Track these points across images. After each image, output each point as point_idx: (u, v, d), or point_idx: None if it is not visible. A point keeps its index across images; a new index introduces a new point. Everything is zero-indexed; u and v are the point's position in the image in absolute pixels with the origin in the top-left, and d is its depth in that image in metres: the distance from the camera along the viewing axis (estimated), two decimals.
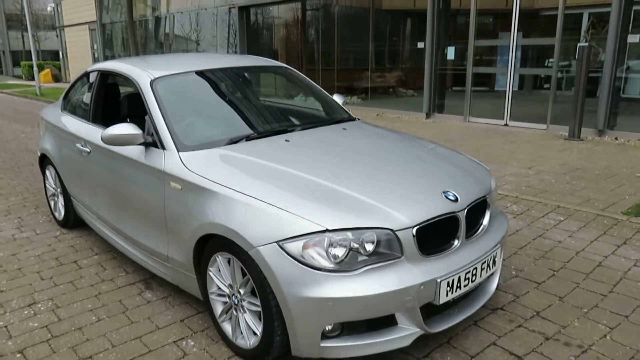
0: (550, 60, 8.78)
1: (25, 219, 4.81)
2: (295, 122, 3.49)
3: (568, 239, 3.91)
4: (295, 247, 2.20)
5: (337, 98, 4.02)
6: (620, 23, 7.64)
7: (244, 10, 14.93)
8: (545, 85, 9.27)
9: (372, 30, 11.99)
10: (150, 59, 3.79)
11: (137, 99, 3.97)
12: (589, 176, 5.70)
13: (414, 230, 2.29)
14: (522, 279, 3.30)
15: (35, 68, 18.89)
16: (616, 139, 7.84)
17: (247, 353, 2.51)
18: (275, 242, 2.22)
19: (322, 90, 4.02)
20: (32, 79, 27.21)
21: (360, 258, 2.23)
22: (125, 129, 2.96)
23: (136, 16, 18.24)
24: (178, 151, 2.87)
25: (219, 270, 2.61)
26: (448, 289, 2.34)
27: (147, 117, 3.11)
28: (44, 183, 4.76)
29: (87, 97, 3.95)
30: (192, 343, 2.72)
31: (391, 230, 2.25)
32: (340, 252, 2.20)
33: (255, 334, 2.46)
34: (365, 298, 2.17)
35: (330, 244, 2.19)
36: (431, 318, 2.41)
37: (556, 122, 8.57)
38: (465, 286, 2.44)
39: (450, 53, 10.12)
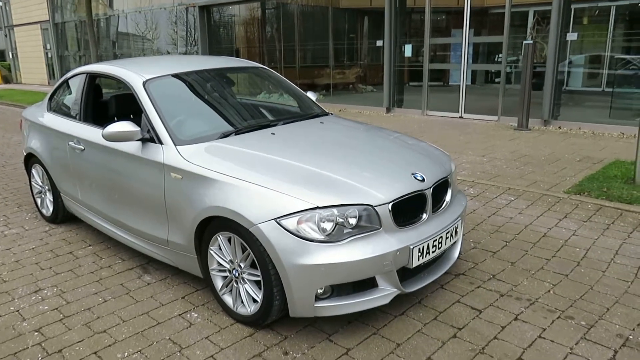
0: (500, 56, 9.44)
1: (11, 216, 4.97)
2: (277, 117, 3.86)
3: (518, 216, 4.45)
4: (290, 222, 2.59)
5: (311, 95, 4.41)
6: (560, 21, 8.34)
7: (204, 9, 15.07)
8: (496, 80, 9.94)
9: (332, 29, 12.43)
10: (139, 62, 4.06)
11: (125, 99, 4.27)
12: (535, 162, 6.31)
13: (390, 205, 2.71)
14: (480, 250, 3.79)
15: None
16: (560, 128, 8.56)
17: (248, 319, 2.87)
18: (273, 219, 2.60)
19: (298, 88, 4.40)
20: None
21: (346, 231, 2.63)
22: (124, 126, 3.25)
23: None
24: (175, 145, 3.19)
25: (220, 249, 2.95)
26: (419, 254, 2.78)
27: (143, 116, 3.40)
28: (30, 181, 4.94)
29: (76, 98, 4.18)
30: (196, 315, 3.06)
31: (371, 206, 2.67)
32: (328, 226, 2.60)
33: (255, 301, 2.83)
34: (351, 263, 2.57)
35: (320, 219, 2.59)
36: (406, 280, 2.85)
37: (506, 113, 9.24)
38: (433, 252, 2.88)
39: (408, 50, 10.66)
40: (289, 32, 13.39)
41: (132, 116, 4.51)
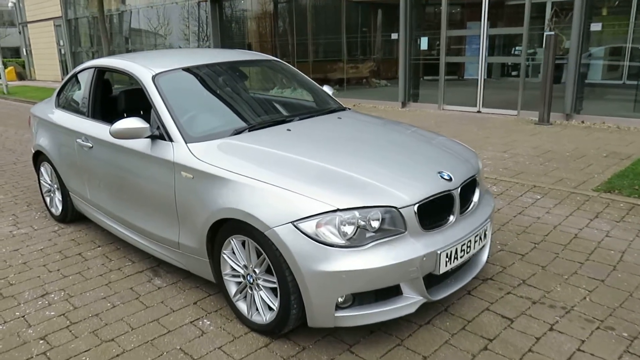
0: (519, 48, 9.15)
1: (20, 215, 4.86)
2: (293, 112, 3.67)
3: (546, 215, 4.22)
4: (309, 226, 2.40)
5: (327, 89, 4.22)
6: (584, 11, 8.03)
7: (216, 4, 14.92)
8: (514, 73, 9.66)
9: (345, 22, 12.20)
10: (148, 55, 3.90)
11: (134, 94, 4.11)
12: (559, 158, 6.06)
13: (415, 207, 2.52)
14: (507, 252, 3.58)
15: (0, 66, 18.42)
16: (582, 122, 8.27)
17: (263, 328, 2.70)
18: (291, 222, 2.42)
19: (313, 81, 4.21)
20: None
21: (368, 234, 2.45)
22: (133, 123, 3.09)
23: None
24: (186, 142, 3.02)
25: (233, 253, 2.78)
26: (447, 259, 2.58)
27: (152, 112, 3.24)
28: (39, 180, 4.82)
29: (84, 94, 4.04)
30: (208, 322, 2.90)
31: (395, 207, 2.48)
32: (349, 229, 2.41)
33: (271, 309, 2.66)
34: (374, 270, 2.38)
35: (341, 223, 2.40)
36: (432, 287, 2.65)
37: (526, 107, 8.96)
38: (461, 257, 2.68)
39: (424, 43, 10.40)
40: (301, 26, 13.19)
41: (142, 112, 4.36)
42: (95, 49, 20.54)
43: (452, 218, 2.71)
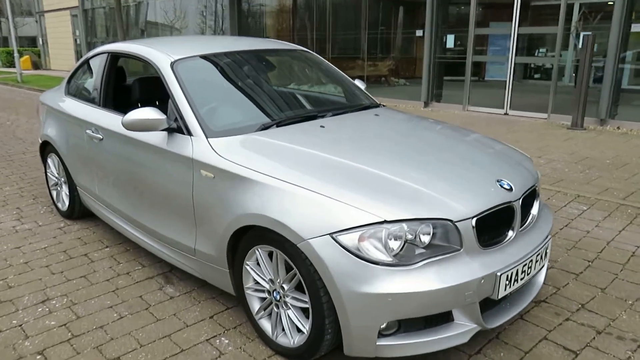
0: (542, 50, 8.72)
1: (25, 209, 4.56)
2: (324, 107, 3.32)
3: (595, 229, 3.83)
4: (350, 239, 2.05)
5: (359, 83, 3.87)
6: (624, 11, 7.59)
7: None
8: (543, 75, 9.23)
9: (366, 18, 11.82)
10: (165, 41, 3.57)
11: (150, 83, 3.79)
12: (600, 165, 5.65)
13: (474, 221, 2.16)
14: (559, 270, 3.20)
15: (16, 54, 18.27)
16: (618, 128, 7.83)
17: (290, 352, 2.35)
18: (329, 234, 2.07)
19: (344, 74, 3.86)
20: (11, 65, 26.43)
21: (418, 251, 2.09)
22: (148, 113, 2.76)
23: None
24: (207, 137, 2.68)
25: (258, 264, 2.45)
26: (507, 282, 2.22)
27: (169, 102, 2.91)
28: (45, 172, 4.51)
29: (96, 81, 3.72)
30: (227, 341, 2.56)
31: (450, 221, 2.12)
32: (396, 244, 2.06)
33: (300, 331, 2.32)
34: (426, 294, 2.03)
35: (388, 236, 2.05)
36: (486, 313, 2.29)
37: (557, 111, 8.54)
38: (521, 279, 2.32)
39: (450, 41, 10.00)
40: (320, 21, 12.82)
41: (157, 103, 4.03)
42: (111, 40, 20.34)
43: (511, 234, 2.35)
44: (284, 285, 2.33)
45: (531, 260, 2.35)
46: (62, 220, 4.27)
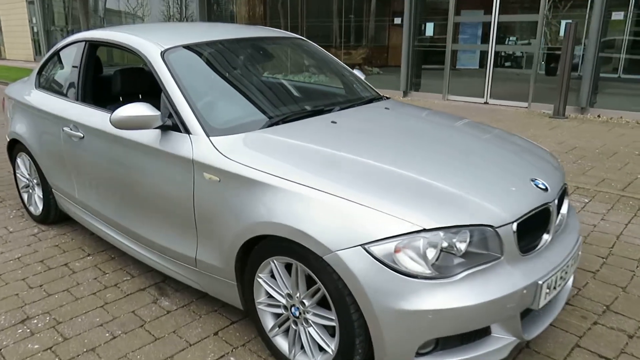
0: (532, 37, 8.68)
1: None
2: (329, 101, 3.08)
3: (602, 223, 3.74)
4: (384, 250, 1.84)
5: (358, 74, 3.64)
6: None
7: None
8: (523, 64, 9.19)
9: (338, 5, 11.55)
10: (152, 28, 3.24)
11: (132, 74, 3.47)
12: (590, 155, 5.60)
13: (515, 225, 1.97)
14: (576, 269, 3.07)
15: None
16: (599, 116, 7.86)
17: None
18: (360, 245, 1.85)
19: (343, 64, 3.62)
20: None
21: (456, 260, 1.90)
22: (140, 109, 2.46)
23: None
24: (208, 136, 2.41)
25: (273, 277, 2.21)
26: (547, 291, 2.05)
27: (162, 96, 2.62)
28: (14, 173, 4.12)
29: (73, 73, 3.37)
30: None
31: (491, 227, 1.93)
32: (431, 254, 1.86)
33: (323, 350, 2.10)
34: (469, 309, 1.84)
35: (426, 246, 1.85)
36: (522, 323, 2.12)
37: (537, 100, 8.52)
38: (559, 286, 2.16)
39: (429, 29, 9.86)
40: (293, 9, 12.48)
41: (140, 96, 3.72)
42: (71, 28, 19.42)
43: (547, 237, 2.18)
44: (304, 301, 2.11)
45: (567, 265, 2.19)
46: (35, 226, 3.91)
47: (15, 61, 22.16)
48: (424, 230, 1.84)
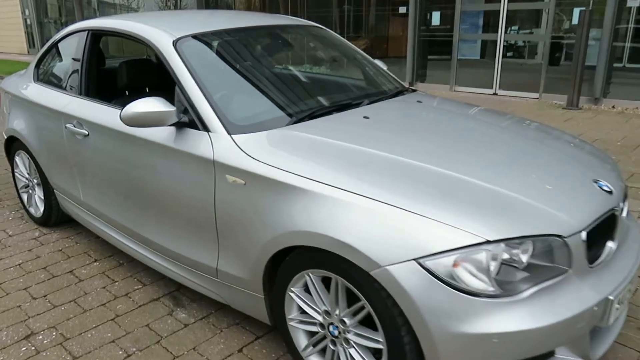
0: (543, 26, 8.44)
1: None
2: (356, 94, 2.84)
3: None
4: (442, 265, 1.62)
5: (380, 64, 3.41)
6: None
7: None
8: (534, 53, 8.96)
9: None
10: (159, 15, 2.99)
11: (139, 66, 3.22)
12: (613, 148, 5.39)
13: (584, 234, 1.75)
14: None
15: None
16: (613, 107, 7.64)
17: None
18: (414, 259, 1.63)
19: (364, 54, 3.38)
20: None
21: (520, 275, 1.68)
22: (154, 105, 2.22)
23: None
24: (229, 133, 2.18)
25: (307, 292, 1.99)
26: (617, 306, 1.84)
27: (176, 90, 2.37)
28: (12, 172, 3.87)
29: (74, 65, 3.11)
30: None
31: (560, 236, 1.71)
32: (492, 267, 1.64)
33: None
34: (538, 331, 1.62)
35: (490, 260, 1.62)
36: None
37: (548, 90, 8.29)
38: (627, 299, 1.95)
39: (435, 19, 9.59)
40: None
41: (147, 89, 3.47)
42: (64, 20, 19.01)
43: (612, 245, 1.96)
44: (344, 319, 1.88)
45: (635, 275, 1.98)
46: (36, 228, 3.67)
47: (8, 54, 21.74)
48: (487, 242, 1.62)
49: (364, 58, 3.31)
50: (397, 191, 1.76)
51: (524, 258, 1.68)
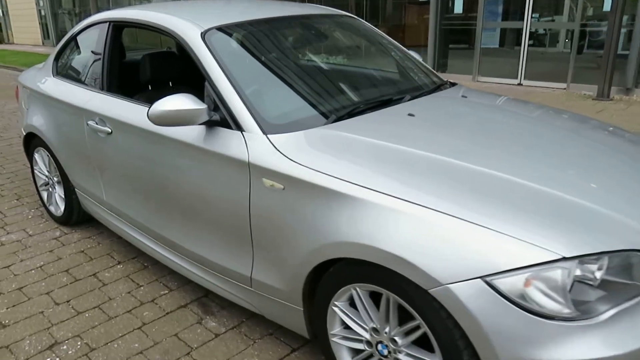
0: (572, 14, 8.13)
1: (8, 214, 3.82)
2: (396, 89, 2.66)
3: None
4: (512, 284, 1.45)
5: (415, 55, 3.21)
6: None
7: None
8: (561, 42, 8.65)
9: None
10: (183, 5, 2.83)
11: (163, 60, 3.07)
12: None
13: None
14: None
15: None
16: None
17: None
18: (481, 277, 1.46)
19: (399, 45, 3.19)
20: None
21: (596, 294, 1.50)
22: (183, 102, 2.06)
23: None
24: (265, 133, 2.02)
25: (353, 306, 1.84)
26: None
27: (206, 85, 2.21)
28: (32, 169, 3.76)
29: (96, 58, 2.97)
30: None
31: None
32: (568, 287, 1.47)
33: None
34: (619, 359, 1.45)
35: (566, 279, 1.45)
36: None
37: (577, 80, 8.01)
38: None
39: (458, 6, 9.31)
40: None
41: (170, 84, 3.32)
42: (78, 11, 18.93)
43: None
44: (395, 338, 1.73)
45: None
46: (57, 228, 3.56)
47: (23, 45, 21.78)
48: (563, 259, 1.44)
49: (400, 49, 3.12)
50: (458, 200, 1.59)
51: (598, 274, 1.51)
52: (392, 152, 1.86)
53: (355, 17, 3.20)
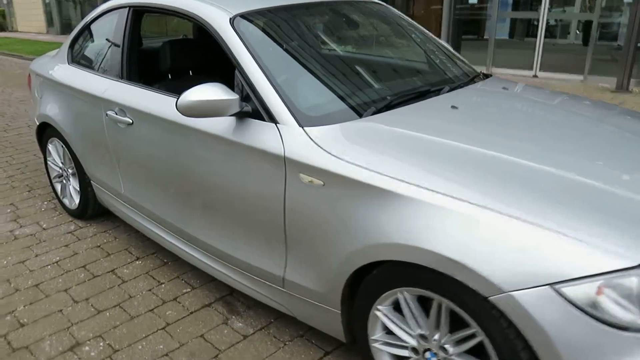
0: (590, 4, 7.95)
1: (20, 205, 3.72)
2: (432, 80, 2.53)
3: None
4: (583, 292, 1.34)
5: (445, 44, 3.08)
6: None
7: None
8: (578, 33, 8.48)
9: None
10: None
11: (185, 47, 2.95)
12: None
13: None
14: None
15: None
16: None
17: None
18: (548, 284, 1.35)
19: (430, 33, 3.06)
20: None
21: None
22: (214, 92, 1.94)
23: None
24: (302, 126, 1.90)
25: (398, 311, 1.72)
26: None
27: (236, 75, 2.09)
28: (45, 160, 3.65)
29: (114, 46, 2.84)
30: None
31: None
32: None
33: None
34: None
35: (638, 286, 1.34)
36: None
37: (594, 72, 7.85)
38: None
39: None
40: None
41: (191, 73, 3.20)
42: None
43: None
44: (446, 346, 1.62)
45: None
46: (71, 221, 3.45)
47: (27, 33, 21.61)
48: (639, 266, 1.33)
49: (432, 38, 2.99)
50: (520, 201, 1.47)
51: None
52: (439, 147, 1.74)
53: (383, 3, 3.06)
